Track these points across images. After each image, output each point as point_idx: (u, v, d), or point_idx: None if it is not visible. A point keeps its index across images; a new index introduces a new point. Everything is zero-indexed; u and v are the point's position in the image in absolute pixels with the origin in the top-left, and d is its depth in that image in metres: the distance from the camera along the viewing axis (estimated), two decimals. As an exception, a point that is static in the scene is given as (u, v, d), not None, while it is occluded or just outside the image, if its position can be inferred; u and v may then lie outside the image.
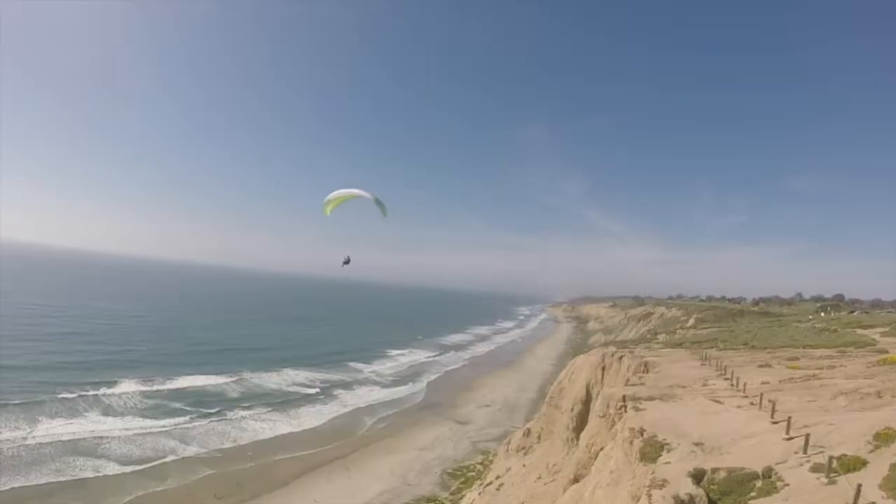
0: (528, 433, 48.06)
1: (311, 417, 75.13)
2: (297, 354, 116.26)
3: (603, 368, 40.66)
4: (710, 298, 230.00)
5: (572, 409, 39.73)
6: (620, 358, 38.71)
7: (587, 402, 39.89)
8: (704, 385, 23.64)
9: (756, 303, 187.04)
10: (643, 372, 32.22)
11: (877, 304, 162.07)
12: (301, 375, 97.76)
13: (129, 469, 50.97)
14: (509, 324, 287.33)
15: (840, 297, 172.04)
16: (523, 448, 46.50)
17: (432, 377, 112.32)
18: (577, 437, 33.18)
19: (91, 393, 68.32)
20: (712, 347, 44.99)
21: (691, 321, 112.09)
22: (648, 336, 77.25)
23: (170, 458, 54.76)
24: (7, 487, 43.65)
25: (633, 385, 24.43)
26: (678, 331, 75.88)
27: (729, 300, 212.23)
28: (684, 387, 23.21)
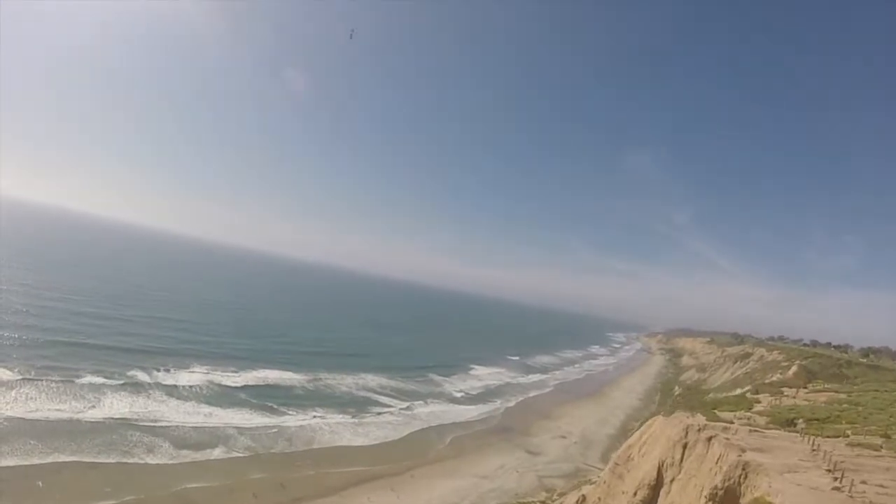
0: (582, 501, 35.57)
1: (377, 428, 66.73)
2: (379, 362, 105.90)
3: (685, 447, 27.81)
4: (813, 343, 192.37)
5: (635, 494, 27.18)
6: (709, 439, 25.82)
7: (656, 487, 27.25)
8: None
9: (865, 353, 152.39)
10: (739, 483, 19.54)
11: None
12: (375, 382, 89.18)
13: (175, 460, 45.67)
14: (602, 350, 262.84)
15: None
16: (575, 521, 34.24)
17: (511, 400, 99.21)
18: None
19: (160, 379, 63.76)
20: (838, 435, 30.03)
21: (793, 368, 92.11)
22: (749, 394, 59.76)
23: (218, 453, 49.07)
24: (49, 461, 39.56)
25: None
26: (785, 390, 58.03)
27: (834, 347, 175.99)
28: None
